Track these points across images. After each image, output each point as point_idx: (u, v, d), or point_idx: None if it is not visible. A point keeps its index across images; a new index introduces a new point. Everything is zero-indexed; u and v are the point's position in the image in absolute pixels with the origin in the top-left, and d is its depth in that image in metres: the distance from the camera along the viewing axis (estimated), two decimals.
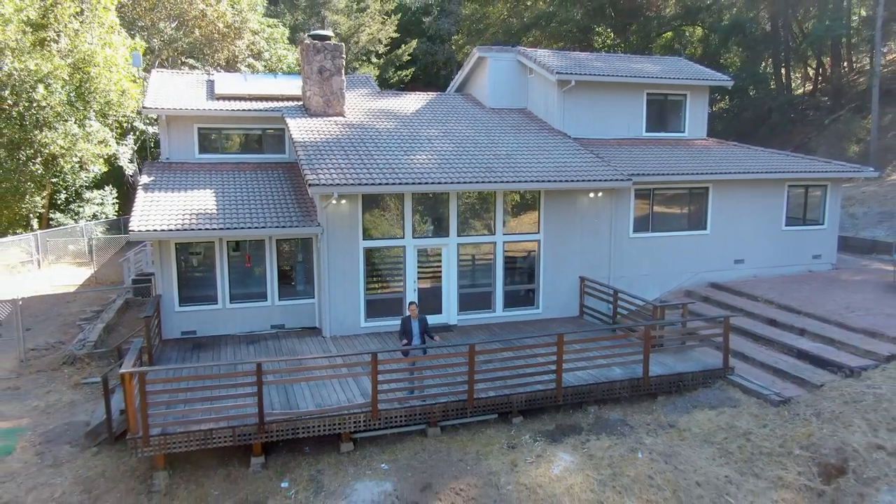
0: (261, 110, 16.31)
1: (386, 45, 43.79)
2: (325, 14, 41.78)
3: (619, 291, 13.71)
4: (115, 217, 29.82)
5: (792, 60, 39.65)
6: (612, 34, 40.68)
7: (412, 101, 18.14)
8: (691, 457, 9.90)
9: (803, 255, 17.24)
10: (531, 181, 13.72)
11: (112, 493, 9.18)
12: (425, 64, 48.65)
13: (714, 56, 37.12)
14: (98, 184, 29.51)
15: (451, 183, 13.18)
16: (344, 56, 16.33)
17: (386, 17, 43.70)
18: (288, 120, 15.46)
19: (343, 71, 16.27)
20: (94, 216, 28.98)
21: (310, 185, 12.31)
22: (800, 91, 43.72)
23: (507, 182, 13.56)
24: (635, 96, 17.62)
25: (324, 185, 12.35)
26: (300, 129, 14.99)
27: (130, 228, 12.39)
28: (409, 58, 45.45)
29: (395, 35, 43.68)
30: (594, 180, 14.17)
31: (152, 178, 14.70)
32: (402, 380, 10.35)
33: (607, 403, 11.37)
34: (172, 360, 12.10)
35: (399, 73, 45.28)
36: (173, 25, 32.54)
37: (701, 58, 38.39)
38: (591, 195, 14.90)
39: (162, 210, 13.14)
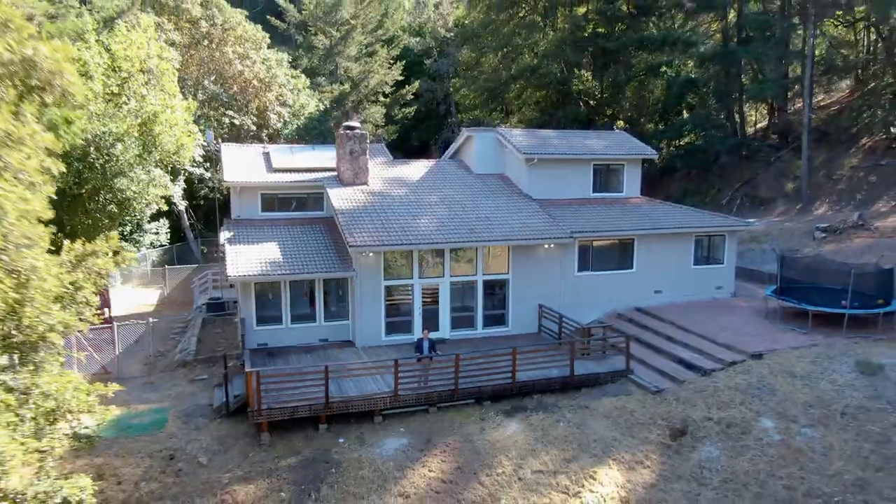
0: (306, 181, 22.24)
1: (392, 87, 49.73)
2: (338, 61, 47.70)
3: (563, 316, 19.61)
4: (168, 245, 35.69)
5: (746, 103, 45.52)
6: (590, 78, 46.72)
7: (417, 169, 24.07)
8: (594, 425, 15.78)
9: (708, 287, 23.11)
10: (501, 240, 19.68)
11: (237, 446, 15.07)
12: (427, 100, 54.58)
13: (674, 103, 43.11)
14: (154, 216, 35.39)
15: (445, 242, 19.14)
16: (368, 141, 22.23)
17: (392, 62, 49.61)
18: (328, 189, 21.38)
19: (367, 151, 22.20)
20: (152, 244, 34.88)
21: (350, 245, 18.25)
22: (756, 127, 49.66)
23: (484, 241, 19.51)
24: (585, 166, 23.55)
25: (359, 245, 18.27)
26: (338, 197, 20.91)
27: (228, 274, 18.29)
28: (412, 96, 51.44)
29: (401, 78, 49.60)
30: (546, 238, 20.11)
31: (232, 234, 20.58)
32: (413, 376, 16.26)
33: (546, 393, 17.21)
34: (257, 363, 17.90)
35: (403, 110, 51.23)
36: (212, 79, 38.52)
37: (664, 104, 44.45)
38: (546, 246, 20.77)
39: (245, 259, 19.00)
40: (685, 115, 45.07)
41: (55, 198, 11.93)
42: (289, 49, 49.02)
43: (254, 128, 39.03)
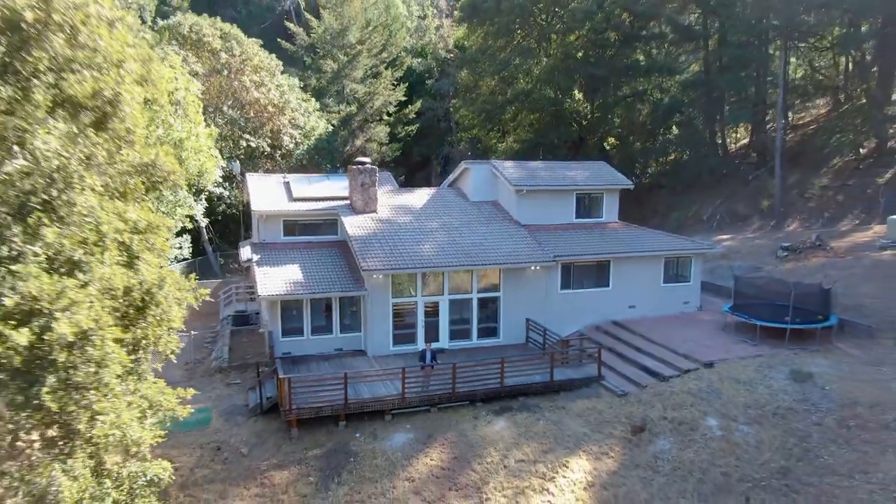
0: (323, 209, 25.32)
1: (395, 106, 52.82)
2: (345, 83, 50.78)
3: (547, 329, 22.67)
4: (190, 259, 38.74)
5: (727, 125, 48.58)
6: (581, 99, 49.83)
7: (420, 197, 27.15)
8: (569, 423, 18.84)
9: (677, 302, 26.15)
10: (493, 264, 22.77)
11: (271, 439, 18.14)
12: (428, 118, 57.68)
13: (660, 124, 46.23)
14: (178, 233, 38.43)
15: (444, 266, 22.24)
16: (377, 175, 25.31)
17: (395, 84, 52.68)
18: (342, 217, 24.47)
19: (376, 183, 25.29)
20: (176, 258, 37.93)
21: (363, 269, 21.34)
22: (738, 144, 52.65)
23: (478, 265, 22.60)
24: (568, 196, 26.64)
25: (371, 269, 21.36)
26: (351, 224, 23.98)
27: (259, 293, 21.36)
28: (414, 115, 54.54)
29: (404, 98, 52.69)
30: (532, 261, 23.19)
31: (259, 256, 23.64)
32: (418, 382, 19.34)
33: (530, 396, 20.24)
34: (284, 370, 20.93)
35: (406, 128, 54.33)
36: (229, 103, 41.62)
37: (651, 125, 47.56)
38: (533, 268, 23.84)
39: (272, 280, 22.06)
40: (674, 129, 48.00)
41: None
42: (297, 71, 52.03)
43: (268, 149, 42.14)
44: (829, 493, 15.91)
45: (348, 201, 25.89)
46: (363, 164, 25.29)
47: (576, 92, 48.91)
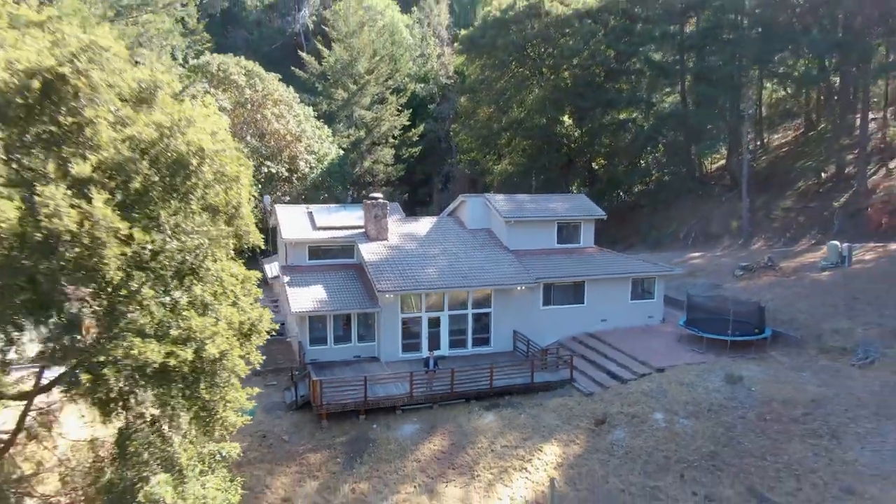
0: (342, 237, 29.89)
1: (400, 130, 57.40)
2: (354, 109, 55.37)
3: (530, 339, 27.20)
4: None
5: (702, 152, 53.10)
6: (571, 124, 54.39)
7: (424, 225, 31.71)
8: (545, 417, 23.37)
9: (642, 316, 30.66)
10: (486, 285, 27.33)
11: (306, 429, 22.68)
12: (430, 139, 62.35)
13: (641, 150, 50.78)
14: None
15: (445, 287, 26.80)
16: (388, 208, 29.88)
17: (400, 109, 57.27)
18: (359, 245, 29.05)
19: (387, 215, 29.85)
20: None
21: (378, 290, 25.91)
22: (716, 165, 57.12)
23: (473, 286, 27.16)
24: (551, 224, 31.21)
25: (384, 290, 25.93)
26: (367, 251, 28.54)
27: (291, 309, 25.90)
28: (418, 138, 59.16)
29: (407, 123, 57.29)
30: (518, 282, 27.75)
31: (289, 278, 28.18)
32: (422, 383, 23.89)
33: (514, 395, 24.75)
34: (314, 374, 25.45)
35: (410, 149, 58.93)
36: (251, 132, 46.22)
37: (635, 148, 52.08)
38: (519, 288, 28.37)
39: (302, 298, 26.59)
40: (661, 148, 52.33)
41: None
42: (309, 97, 56.53)
43: (286, 173, 46.74)
44: (746, 471, 20.38)
45: (363, 230, 30.44)
46: (376, 199, 29.86)
47: (566, 118, 53.51)
